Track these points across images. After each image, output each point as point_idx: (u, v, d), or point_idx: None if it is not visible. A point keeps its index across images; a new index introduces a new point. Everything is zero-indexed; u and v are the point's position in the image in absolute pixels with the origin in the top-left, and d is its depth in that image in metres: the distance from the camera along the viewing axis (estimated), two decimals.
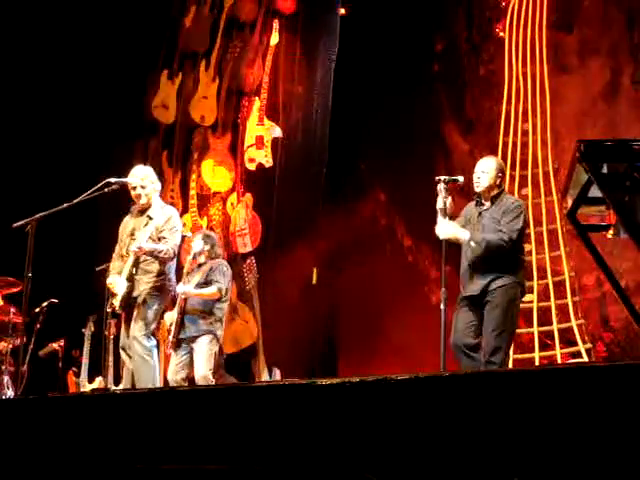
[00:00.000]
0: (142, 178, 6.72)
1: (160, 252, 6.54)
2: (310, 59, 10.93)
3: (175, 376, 7.63)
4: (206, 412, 3.64)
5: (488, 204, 6.41)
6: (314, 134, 10.71)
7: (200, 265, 7.89)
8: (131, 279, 6.57)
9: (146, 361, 6.56)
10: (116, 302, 6.56)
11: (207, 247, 7.90)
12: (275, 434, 3.42)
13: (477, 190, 6.45)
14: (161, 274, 6.60)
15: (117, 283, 6.58)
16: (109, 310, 6.77)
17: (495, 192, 6.43)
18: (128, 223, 6.85)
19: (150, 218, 6.64)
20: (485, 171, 6.43)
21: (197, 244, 7.91)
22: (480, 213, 6.42)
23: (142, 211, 6.75)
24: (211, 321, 7.69)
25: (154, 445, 3.66)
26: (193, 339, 7.65)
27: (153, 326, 6.63)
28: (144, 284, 6.57)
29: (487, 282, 6.21)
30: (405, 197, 10.04)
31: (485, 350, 6.19)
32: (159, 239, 6.61)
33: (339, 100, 10.61)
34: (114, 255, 6.89)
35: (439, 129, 10.26)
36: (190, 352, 7.65)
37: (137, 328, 6.56)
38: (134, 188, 6.71)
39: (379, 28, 10.32)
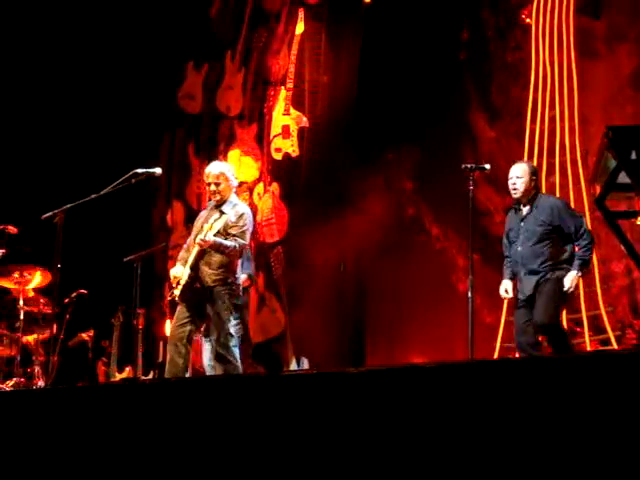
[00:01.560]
0: (217, 176, 6.79)
1: (226, 248, 6.60)
2: (336, 48, 10.90)
3: (210, 361, 7.68)
4: (234, 401, 3.66)
5: (527, 209, 6.44)
6: (340, 123, 10.69)
7: None
8: (195, 269, 6.63)
9: (228, 361, 6.60)
10: (177, 291, 6.60)
11: None
12: (304, 423, 3.43)
13: (515, 196, 6.50)
14: (223, 266, 6.63)
15: (181, 272, 6.64)
16: (169, 299, 6.80)
17: (532, 194, 6.45)
18: (202, 216, 6.97)
19: (222, 213, 6.71)
20: (520, 176, 6.47)
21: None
22: (522, 219, 6.49)
23: (217, 206, 6.83)
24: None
25: (182, 434, 3.68)
26: None
27: (229, 324, 6.64)
28: (207, 276, 6.62)
29: (540, 278, 6.34)
30: (432, 185, 10.00)
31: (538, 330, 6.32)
32: (227, 235, 6.67)
33: (365, 89, 10.58)
34: (184, 246, 7.01)
35: (466, 117, 10.20)
36: None
37: (214, 332, 6.66)
38: (209, 185, 6.82)
39: (404, 16, 10.27)
